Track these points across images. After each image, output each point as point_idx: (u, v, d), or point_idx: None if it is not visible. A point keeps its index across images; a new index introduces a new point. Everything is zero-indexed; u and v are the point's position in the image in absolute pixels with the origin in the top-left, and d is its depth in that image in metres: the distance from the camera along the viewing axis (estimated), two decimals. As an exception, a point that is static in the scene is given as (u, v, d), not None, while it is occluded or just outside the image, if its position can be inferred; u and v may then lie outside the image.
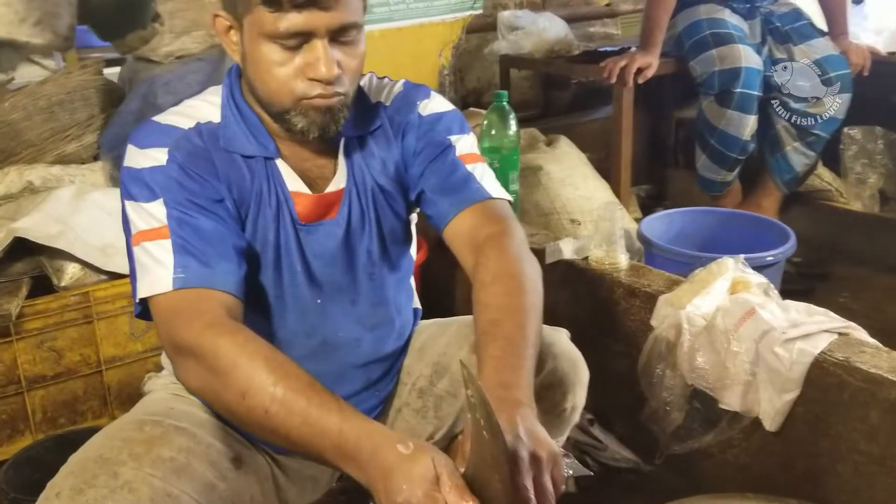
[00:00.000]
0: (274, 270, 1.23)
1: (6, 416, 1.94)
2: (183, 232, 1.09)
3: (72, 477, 1.09)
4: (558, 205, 2.49)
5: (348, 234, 1.26)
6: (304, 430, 0.96)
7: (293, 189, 1.22)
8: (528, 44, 2.99)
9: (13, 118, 2.20)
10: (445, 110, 1.32)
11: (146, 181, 1.12)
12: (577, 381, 1.33)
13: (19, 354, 1.92)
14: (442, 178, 1.27)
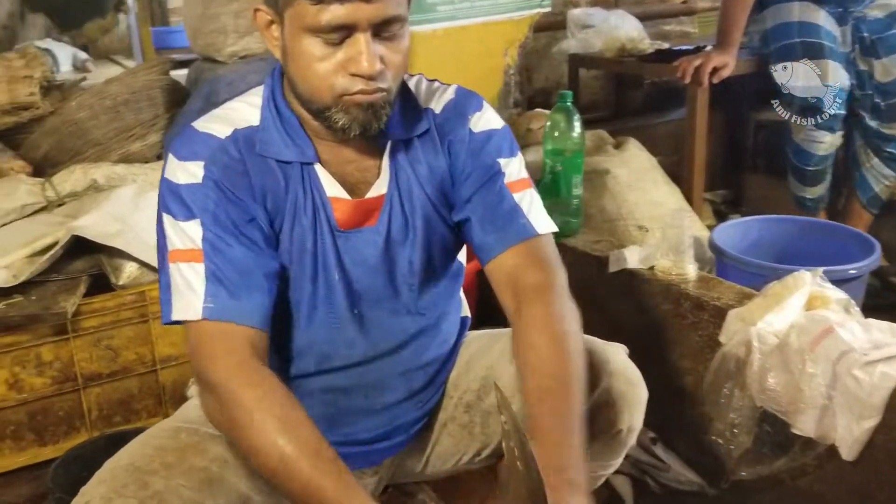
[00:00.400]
0: (311, 280, 1.18)
1: (63, 413, 1.96)
2: (216, 259, 1.09)
3: (102, 485, 1.07)
4: (625, 210, 2.39)
5: (389, 242, 1.21)
6: (303, 497, 0.99)
7: (331, 194, 1.17)
8: (599, 42, 2.89)
9: (80, 117, 2.23)
10: (496, 128, 1.25)
11: (183, 198, 1.11)
12: (635, 402, 1.25)
13: (76, 352, 1.93)
14: (489, 208, 1.21)
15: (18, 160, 2.26)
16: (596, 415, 1.22)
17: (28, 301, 1.84)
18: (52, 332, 1.90)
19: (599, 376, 1.22)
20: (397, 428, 1.30)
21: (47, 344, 1.91)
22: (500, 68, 2.79)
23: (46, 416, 1.95)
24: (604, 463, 1.29)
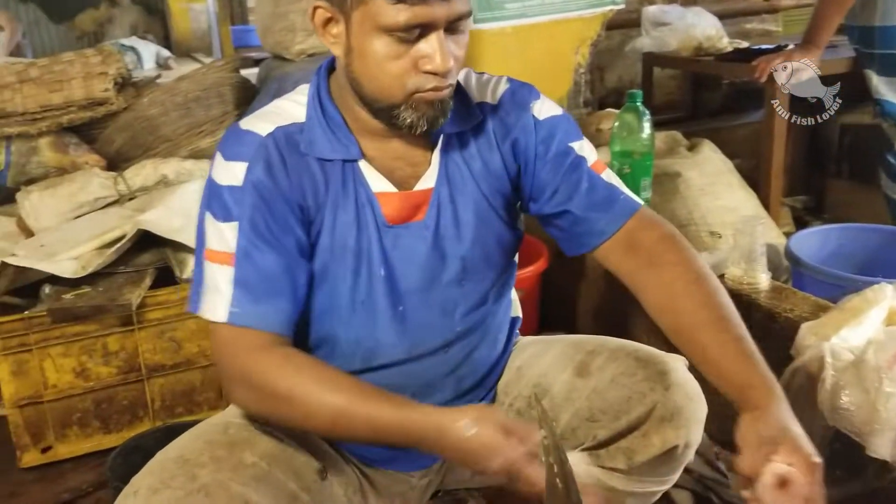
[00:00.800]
0: (353, 277, 1.17)
1: (127, 402, 2.01)
2: (246, 265, 1.10)
3: (151, 476, 1.08)
4: (697, 215, 2.30)
5: (437, 237, 1.18)
6: (370, 433, 1.04)
7: (378, 190, 1.16)
8: (674, 41, 2.80)
9: (151, 113, 2.28)
10: (558, 113, 1.24)
11: (224, 200, 1.11)
12: (693, 418, 1.19)
13: (141, 343, 1.97)
14: (586, 195, 1.21)
15: (93, 154, 2.32)
16: (650, 430, 1.17)
17: (95, 292, 1.89)
18: (118, 322, 1.94)
19: (653, 389, 1.17)
20: None
21: (114, 334, 1.96)
22: (570, 67, 2.74)
23: (111, 404, 2.00)
24: (659, 479, 1.24)
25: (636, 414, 1.17)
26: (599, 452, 1.22)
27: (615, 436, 1.19)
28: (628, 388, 1.18)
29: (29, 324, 1.87)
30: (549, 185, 1.20)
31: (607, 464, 1.21)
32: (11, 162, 2.24)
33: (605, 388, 1.20)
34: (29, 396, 1.92)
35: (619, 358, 1.22)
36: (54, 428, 1.96)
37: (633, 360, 1.21)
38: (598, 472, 1.22)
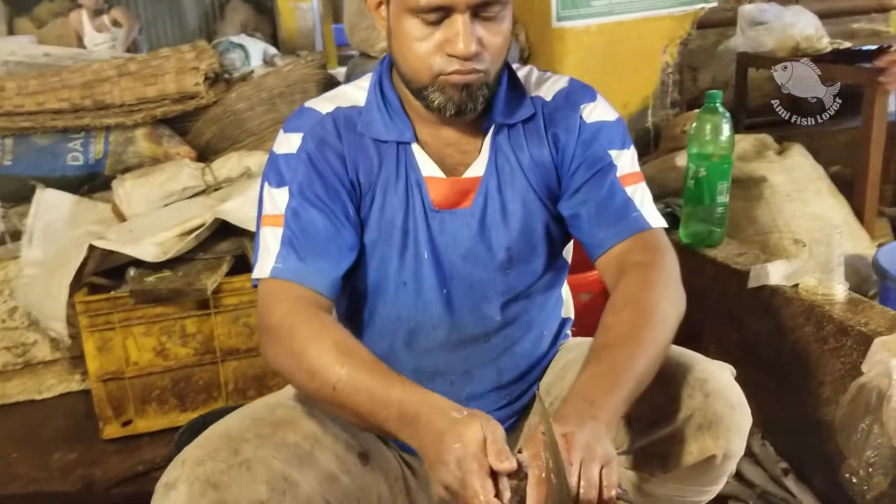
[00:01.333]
0: (399, 257, 1.20)
1: (203, 383, 2.10)
2: (294, 225, 1.14)
3: (198, 449, 1.13)
4: (781, 222, 2.22)
5: (483, 225, 1.20)
6: (369, 404, 1.00)
7: (427, 174, 1.19)
8: (770, 41, 2.69)
9: (238, 108, 2.38)
10: (609, 119, 1.22)
11: (279, 167, 1.17)
12: (734, 427, 1.14)
13: (216, 327, 2.06)
14: (600, 203, 1.18)
15: (184, 146, 2.44)
16: (688, 437, 1.14)
17: (175, 276, 1.98)
18: (195, 306, 2.04)
19: (693, 396, 1.14)
20: None
21: (191, 317, 2.05)
22: (658, 67, 2.67)
23: (188, 383, 2.10)
24: (699, 488, 1.20)
25: (673, 420, 1.14)
26: (637, 458, 1.19)
27: (652, 442, 1.17)
28: (667, 393, 1.16)
29: (114, 303, 1.99)
30: (573, 186, 1.20)
31: (643, 469, 1.19)
32: (109, 151, 2.39)
33: (644, 395, 1.18)
34: (112, 372, 2.05)
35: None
36: (134, 403, 2.07)
37: (673, 366, 1.18)
38: (634, 477, 1.20)
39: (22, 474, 1.99)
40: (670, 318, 1.09)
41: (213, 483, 1.07)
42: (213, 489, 1.06)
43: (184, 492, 1.06)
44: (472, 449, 0.89)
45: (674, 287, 1.12)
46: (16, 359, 2.35)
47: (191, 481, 1.07)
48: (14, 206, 2.38)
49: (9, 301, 2.32)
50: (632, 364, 1.02)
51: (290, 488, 1.12)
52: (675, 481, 1.18)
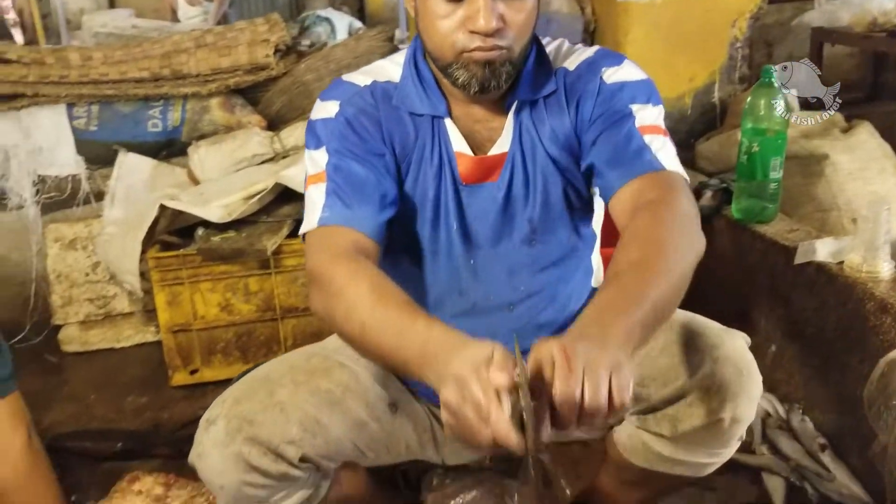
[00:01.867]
0: (431, 226, 1.26)
1: (263, 338, 2.23)
2: (336, 177, 1.18)
3: (237, 390, 1.24)
4: (841, 201, 2.17)
5: (509, 199, 1.24)
6: (395, 342, 0.98)
7: (457, 149, 1.23)
8: (846, 15, 2.62)
9: (306, 79, 2.48)
10: (633, 79, 1.22)
11: (317, 131, 1.23)
12: (742, 392, 1.18)
13: (276, 286, 2.18)
14: (615, 147, 1.17)
15: (255, 115, 2.56)
16: (696, 399, 1.18)
17: (239, 237, 2.11)
18: (257, 266, 2.16)
19: (702, 361, 1.17)
20: None
21: (254, 276, 2.18)
22: (726, 41, 2.63)
23: (250, 338, 2.23)
24: (709, 451, 1.24)
25: (682, 383, 1.18)
26: (647, 417, 1.24)
27: (661, 402, 1.21)
28: (677, 356, 1.19)
29: (183, 260, 2.13)
30: (591, 139, 1.19)
31: (653, 429, 1.23)
32: (186, 119, 2.53)
33: (655, 356, 1.21)
34: (181, 324, 2.19)
35: (673, 327, 1.23)
36: (201, 354, 2.22)
37: (686, 331, 1.21)
38: (644, 436, 1.25)
39: (98, 415, 2.17)
40: (684, 251, 1.02)
41: (249, 420, 1.17)
42: (249, 426, 1.16)
43: (222, 427, 1.17)
44: (476, 365, 0.85)
45: (689, 224, 1.07)
46: (98, 310, 2.53)
47: (229, 418, 1.17)
48: (99, 168, 2.55)
49: (92, 256, 2.50)
50: (645, 288, 0.94)
51: (321, 430, 1.21)
52: (684, 443, 1.22)
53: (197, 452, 1.19)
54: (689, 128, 2.71)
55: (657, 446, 1.24)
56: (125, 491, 1.71)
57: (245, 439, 1.15)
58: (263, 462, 1.16)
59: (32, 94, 2.44)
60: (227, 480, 1.16)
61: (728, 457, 1.27)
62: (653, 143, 1.16)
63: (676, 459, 1.24)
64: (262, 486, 1.18)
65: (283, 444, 1.17)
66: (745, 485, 1.73)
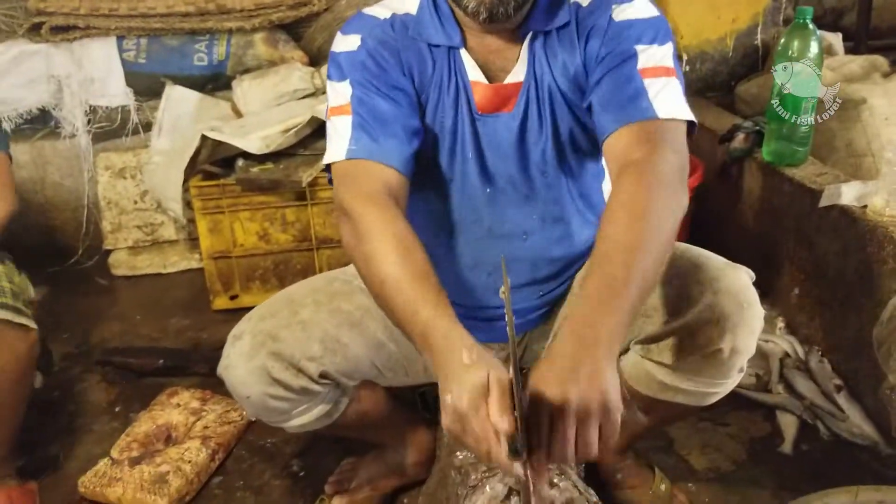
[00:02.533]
0: (449, 155, 1.29)
1: (300, 267, 2.32)
2: (361, 110, 1.20)
3: (263, 308, 1.32)
4: (876, 146, 2.15)
5: (523, 129, 1.27)
6: (404, 310, 1.02)
7: (473, 79, 1.25)
8: (899, -44, 2.54)
9: (347, 15, 2.50)
10: (642, 17, 1.20)
11: (340, 63, 1.24)
12: (741, 323, 1.20)
13: (312, 217, 2.26)
14: (612, 90, 1.16)
15: (298, 51, 2.61)
16: (695, 330, 1.21)
17: (276, 168, 2.18)
18: (294, 197, 2.24)
19: (702, 292, 1.20)
20: (516, 311, 1.39)
21: (290, 207, 2.26)
22: (769, -18, 2.59)
23: (287, 266, 2.32)
24: (710, 381, 1.26)
25: (683, 314, 1.21)
26: (650, 347, 1.28)
27: (663, 333, 1.24)
28: (678, 288, 1.22)
29: (223, 190, 2.22)
30: (594, 80, 1.20)
31: (655, 357, 1.27)
32: (231, 53, 2.59)
33: (659, 287, 1.25)
34: (221, 251, 2.30)
35: (677, 260, 1.25)
36: (240, 280, 2.32)
37: (690, 264, 1.24)
38: (647, 365, 1.29)
39: (144, 334, 2.30)
40: (665, 221, 1.04)
41: (273, 336, 1.25)
42: (272, 341, 1.24)
43: (248, 342, 1.25)
44: (473, 395, 0.87)
45: (671, 189, 1.07)
46: (145, 236, 2.65)
47: (254, 334, 1.25)
48: (147, 100, 2.65)
49: (140, 185, 2.61)
50: (629, 272, 0.97)
51: (341, 349, 1.29)
52: (685, 372, 1.26)
53: (224, 365, 1.27)
54: (731, 70, 2.68)
55: (659, 374, 1.28)
56: (165, 404, 1.83)
57: (268, 354, 1.23)
58: (285, 376, 1.23)
59: (84, 27, 2.53)
60: (252, 392, 1.25)
61: (730, 388, 1.30)
62: (651, 87, 1.15)
63: (678, 388, 1.27)
64: (284, 399, 1.26)
65: (304, 359, 1.24)
66: (758, 421, 1.76)
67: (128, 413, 1.90)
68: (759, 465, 1.63)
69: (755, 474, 1.61)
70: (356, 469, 1.60)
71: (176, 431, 1.75)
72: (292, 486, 1.64)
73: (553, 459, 0.88)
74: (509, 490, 1.26)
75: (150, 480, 1.58)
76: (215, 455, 1.69)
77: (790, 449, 1.68)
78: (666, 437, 1.70)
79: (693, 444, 1.69)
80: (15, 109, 2.62)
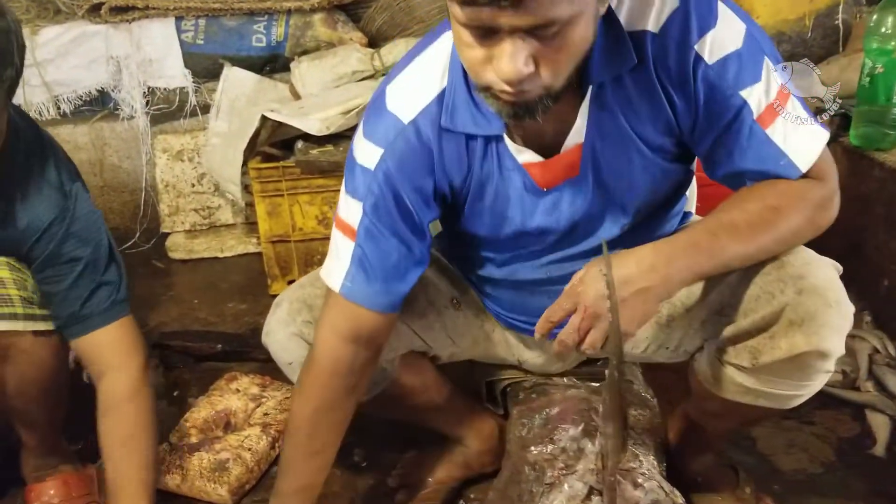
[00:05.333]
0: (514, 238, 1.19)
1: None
2: (365, 245, 1.13)
3: (305, 277, 1.35)
4: (972, 129, 2.01)
5: (597, 189, 1.12)
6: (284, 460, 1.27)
7: (523, 161, 1.11)
8: None
9: (406, -4, 2.45)
10: (733, 48, 1.01)
11: (356, 177, 1.13)
12: (827, 325, 1.06)
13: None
14: (735, 156, 1.06)
15: (357, 32, 2.56)
16: (778, 332, 1.09)
17: (336, 151, 2.13)
18: (354, 180, 2.18)
19: (785, 291, 1.08)
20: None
21: (350, 190, 2.20)
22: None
23: (345, 252, 2.27)
24: (794, 383, 1.14)
25: (762, 314, 1.10)
26: (727, 349, 1.17)
27: (742, 333, 1.13)
28: (759, 286, 1.10)
29: (282, 172, 2.17)
30: (705, 143, 1.07)
31: (732, 360, 1.16)
32: (289, 34, 2.55)
33: (737, 284, 1.13)
34: (280, 235, 2.25)
35: None
36: (298, 264, 2.27)
37: (771, 259, 1.11)
38: (725, 368, 1.19)
39: (201, 318, 2.27)
40: (796, 231, 1.06)
41: (309, 305, 1.26)
42: (308, 310, 1.25)
43: (285, 308, 1.27)
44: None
45: (815, 212, 1.06)
46: (203, 220, 2.63)
47: (291, 301, 1.27)
48: (205, 82, 2.62)
49: (198, 168, 2.59)
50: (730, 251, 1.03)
51: None
52: (766, 375, 1.14)
53: (265, 332, 1.30)
54: (809, 51, 2.55)
55: (738, 378, 1.16)
56: (224, 389, 1.79)
57: (304, 321, 1.25)
58: None
59: (143, 7, 2.51)
60: (294, 358, 1.26)
61: (816, 390, 1.17)
62: (776, 135, 1.03)
63: (759, 391, 1.16)
64: None
65: None
66: (846, 421, 1.66)
67: (186, 398, 1.87)
68: (850, 468, 1.53)
69: (845, 477, 1.50)
70: (420, 462, 1.54)
71: (235, 418, 1.71)
72: (354, 477, 1.59)
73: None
74: (590, 489, 1.19)
75: (209, 468, 1.54)
76: (276, 443, 1.64)
77: (883, 451, 1.57)
78: (748, 436, 1.60)
79: (777, 444, 1.59)
80: (74, 91, 2.61)
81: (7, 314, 1.29)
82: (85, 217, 1.34)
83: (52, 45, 2.56)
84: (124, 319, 1.37)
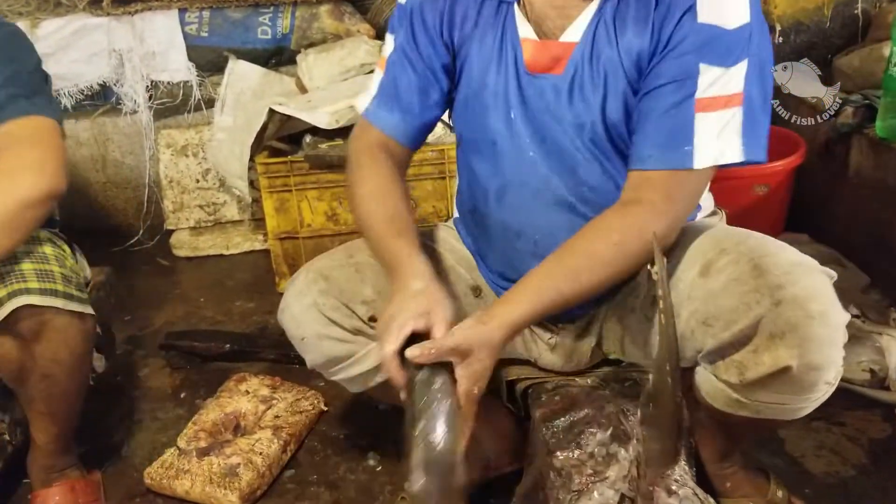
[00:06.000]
0: (489, 116, 1.22)
1: (368, 249, 2.21)
2: (389, 73, 1.29)
3: (323, 256, 1.35)
4: None
5: (571, 94, 1.16)
6: (377, 245, 1.21)
7: (523, 35, 1.19)
8: None
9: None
10: (725, 26, 1.07)
11: (395, 14, 1.29)
12: (811, 337, 1.01)
13: (382, 197, 2.14)
14: (659, 116, 1.10)
15: (364, 23, 2.50)
16: (760, 345, 1.04)
17: (345, 145, 2.05)
18: (364, 175, 2.12)
19: (761, 301, 1.02)
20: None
21: (360, 185, 2.14)
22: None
23: (355, 249, 2.21)
24: (791, 397, 1.08)
25: (741, 326, 1.04)
26: (718, 363, 1.11)
27: (726, 346, 1.07)
28: (737, 296, 1.05)
29: (291, 167, 2.12)
30: (648, 86, 1.11)
31: (722, 376, 1.10)
32: (295, 26, 2.49)
33: (718, 293, 1.08)
34: (288, 231, 2.20)
35: (740, 261, 1.08)
36: (307, 261, 2.19)
37: (751, 267, 1.06)
38: (717, 382, 1.12)
39: (208, 316, 2.22)
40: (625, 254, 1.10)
41: (325, 276, 1.27)
42: (324, 280, 1.26)
43: (301, 279, 1.29)
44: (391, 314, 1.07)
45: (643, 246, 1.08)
46: (208, 216, 2.57)
47: (308, 271, 1.29)
48: (209, 75, 2.56)
49: (203, 163, 2.53)
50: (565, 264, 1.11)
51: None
52: (756, 388, 1.08)
53: (281, 307, 1.31)
54: (827, 41, 2.49)
55: (733, 394, 1.10)
56: (233, 391, 1.73)
57: (320, 291, 1.25)
58: (336, 315, 1.24)
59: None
60: (307, 332, 1.26)
61: (820, 401, 1.09)
62: (701, 124, 1.08)
63: (758, 403, 1.09)
64: (339, 340, 1.25)
65: (356, 302, 1.25)
66: (877, 421, 1.60)
67: (193, 400, 1.82)
68: (884, 471, 1.48)
69: (880, 481, 1.46)
70: (437, 464, 1.49)
71: (245, 420, 1.65)
72: (369, 481, 1.54)
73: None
74: (622, 496, 1.14)
75: (219, 473, 1.49)
76: (287, 447, 1.59)
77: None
78: (775, 438, 1.55)
79: (806, 445, 1.55)
80: (75, 85, 2.55)
81: (49, 290, 1.27)
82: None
83: (52, 38, 2.49)
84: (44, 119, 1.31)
